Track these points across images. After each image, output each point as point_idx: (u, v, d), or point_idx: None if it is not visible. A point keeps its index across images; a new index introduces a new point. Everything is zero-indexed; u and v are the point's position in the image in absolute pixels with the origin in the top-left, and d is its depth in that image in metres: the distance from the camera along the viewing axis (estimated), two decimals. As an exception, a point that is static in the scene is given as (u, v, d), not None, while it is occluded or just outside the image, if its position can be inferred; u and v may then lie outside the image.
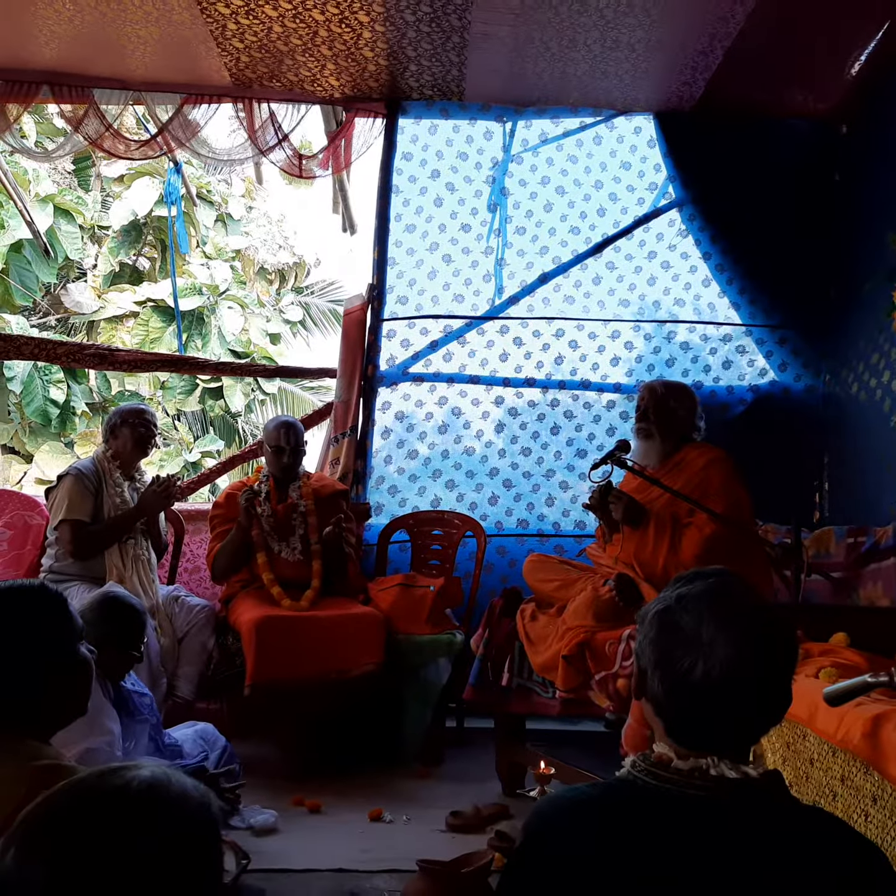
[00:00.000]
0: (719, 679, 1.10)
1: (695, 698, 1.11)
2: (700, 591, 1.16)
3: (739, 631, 1.12)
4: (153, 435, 3.85)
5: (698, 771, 1.11)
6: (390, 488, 4.53)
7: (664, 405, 3.32)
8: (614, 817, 1.11)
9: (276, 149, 4.58)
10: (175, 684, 3.54)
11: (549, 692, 3.09)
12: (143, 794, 0.88)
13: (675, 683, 1.12)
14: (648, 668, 1.16)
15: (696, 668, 1.11)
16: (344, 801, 3.17)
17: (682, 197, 4.62)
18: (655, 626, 1.17)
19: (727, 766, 1.11)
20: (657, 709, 1.16)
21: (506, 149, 4.63)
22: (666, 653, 1.14)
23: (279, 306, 12.24)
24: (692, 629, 1.13)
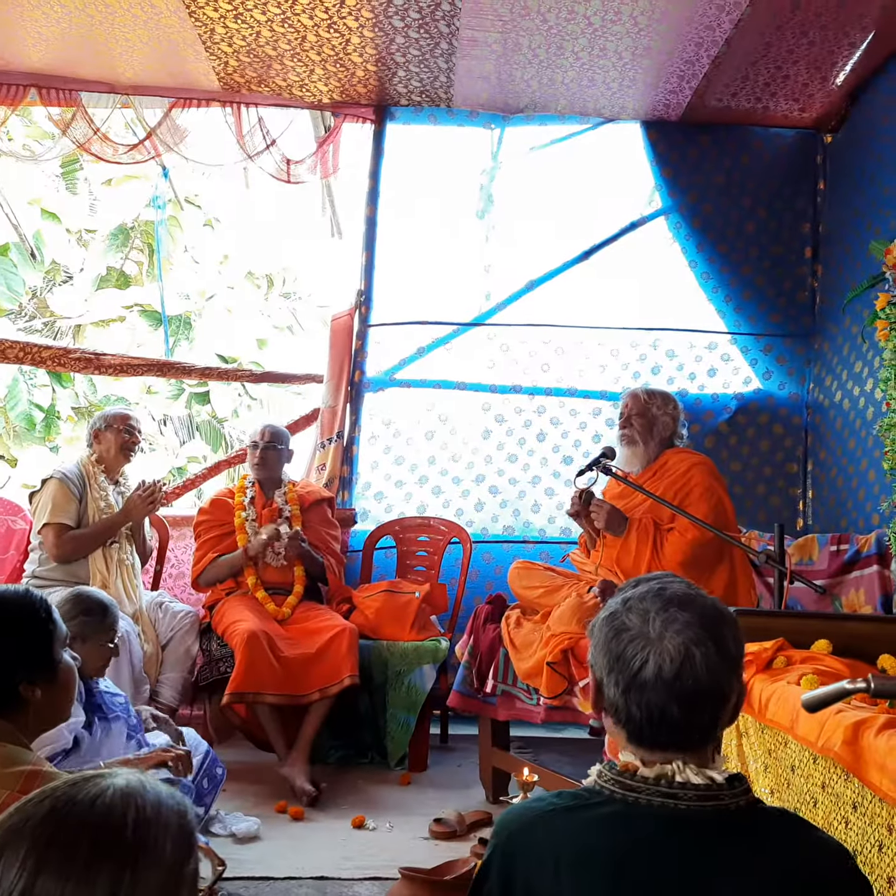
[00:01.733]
0: (672, 673, 1.11)
1: (650, 695, 1.12)
2: (643, 591, 1.18)
3: (685, 623, 1.13)
4: (137, 441, 3.83)
5: (664, 778, 1.12)
6: (376, 494, 4.53)
7: (647, 412, 3.34)
8: (580, 828, 1.11)
9: (264, 153, 4.58)
10: (158, 690, 3.53)
11: (534, 699, 3.09)
12: (117, 802, 0.87)
13: (629, 684, 1.13)
14: (603, 675, 1.17)
15: (647, 664, 1.12)
16: (327, 809, 3.16)
17: (669, 205, 4.65)
18: (604, 632, 1.18)
19: (692, 770, 1.12)
20: (616, 716, 1.17)
21: (493, 156, 4.65)
22: (617, 655, 1.15)
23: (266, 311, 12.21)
24: (639, 628, 1.14)
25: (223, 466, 5.10)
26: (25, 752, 1.50)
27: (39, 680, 1.56)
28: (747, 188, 4.64)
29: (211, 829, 2.84)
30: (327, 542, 3.92)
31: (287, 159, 4.60)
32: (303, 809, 3.11)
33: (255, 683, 3.31)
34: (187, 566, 4.16)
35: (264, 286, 12.63)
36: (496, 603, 3.43)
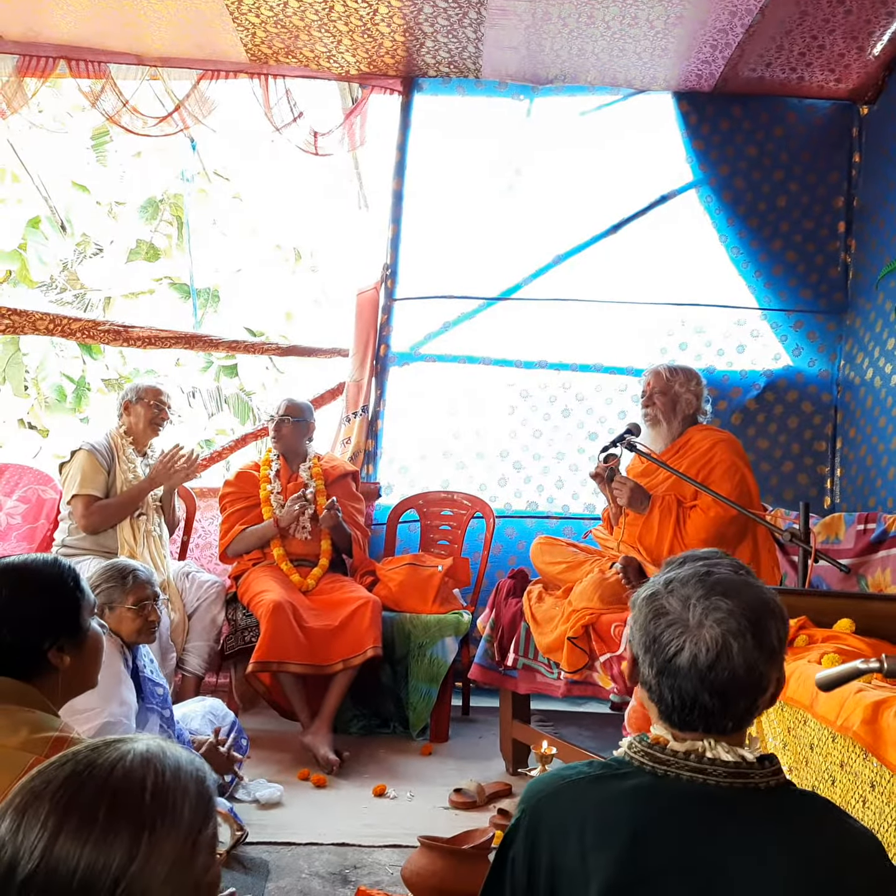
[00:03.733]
0: (706, 663, 1.10)
1: (683, 682, 1.12)
2: (688, 574, 1.16)
3: (727, 612, 1.12)
4: (167, 417, 3.86)
5: (694, 753, 1.11)
6: (401, 468, 4.54)
7: (669, 389, 3.32)
8: (606, 797, 1.11)
9: (291, 126, 4.56)
10: (185, 658, 3.58)
11: (555, 673, 3.11)
12: (137, 767, 0.89)
13: (662, 668, 1.13)
14: (639, 653, 1.17)
15: (682, 651, 1.11)
16: (349, 777, 3.20)
17: (700, 178, 4.58)
18: (644, 612, 1.17)
19: (724, 748, 1.11)
20: (649, 693, 1.17)
21: (522, 127, 4.59)
22: (653, 638, 1.14)
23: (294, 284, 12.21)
24: (679, 613, 1.13)
25: (249, 439, 5.13)
26: (54, 718, 1.53)
27: (68, 647, 1.59)
28: (780, 161, 4.55)
29: (235, 794, 2.89)
30: (352, 516, 3.94)
31: (314, 132, 4.58)
32: (325, 777, 3.15)
33: (279, 653, 3.36)
34: (214, 537, 4.21)
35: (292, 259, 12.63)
36: (518, 578, 3.45)
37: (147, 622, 2.62)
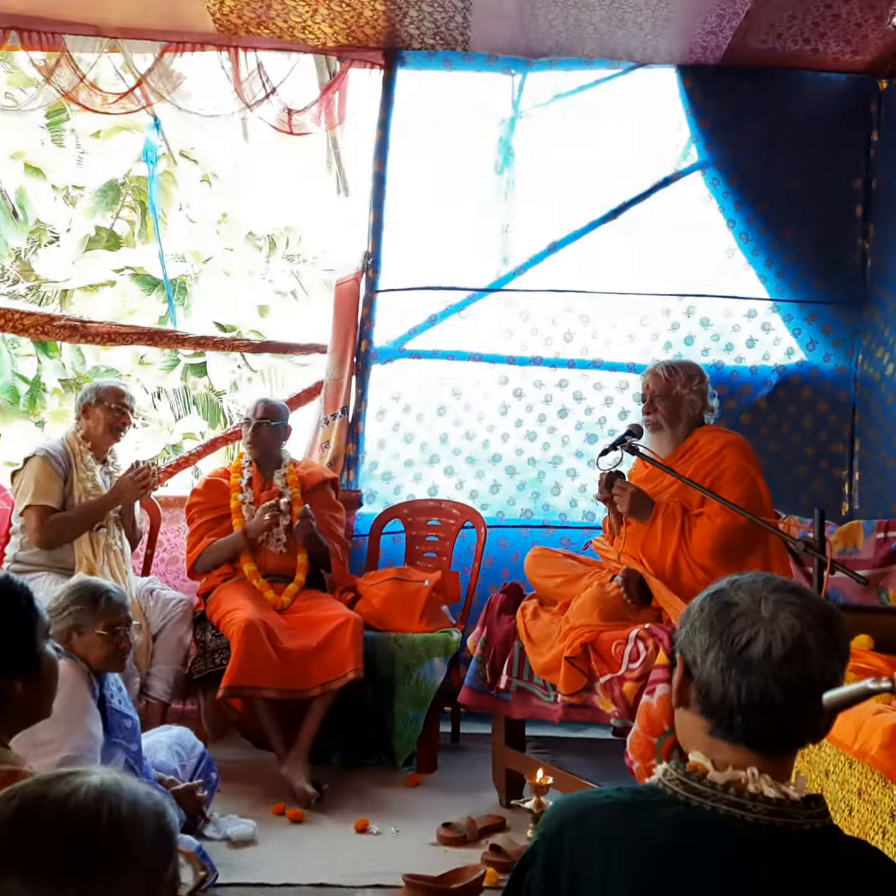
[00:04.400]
0: (782, 654, 1.12)
1: (753, 676, 1.12)
2: (750, 576, 1.20)
3: (800, 607, 1.14)
4: (129, 422, 3.85)
5: (735, 785, 1.11)
6: (384, 474, 4.54)
7: (670, 391, 3.33)
8: (635, 825, 1.12)
9: (263, 103, 4.56)
10: (149, 683, 3.57)
11: (551, 696, 3.11)
12: (90, 802, 0.89)
13: (731, 660, 1.13)
14: (698, 655, 1.17)
15: (756, 640, 1.13)
16: (328, 811, 3.19)
17: (706, 159, 4.60)
18: (707, 609, 1.18)
19: (767, 781, 1.11)
20: (705, 700, 1.16)
21: (514, 104, 4.60)
22: (722, 630, 1.15)
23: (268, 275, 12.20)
24: (750, 604, 1.15)
25: (220, 443, 5.12)
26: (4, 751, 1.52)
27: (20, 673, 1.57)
28: (793, 140, 4.57)
29: (204, 832, 2.88)
30: (331, 526, 3.94)
31: (289, 109, 4.58)
32: (302, 812, 3.15)
33: (252, 676, 3.35)
34: (180, 550, 4.20)
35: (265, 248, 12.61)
36: (512, 592, 3.45)
37: (118, 649, 2.61)
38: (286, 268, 12.62)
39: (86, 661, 2.57)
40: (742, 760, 1.13)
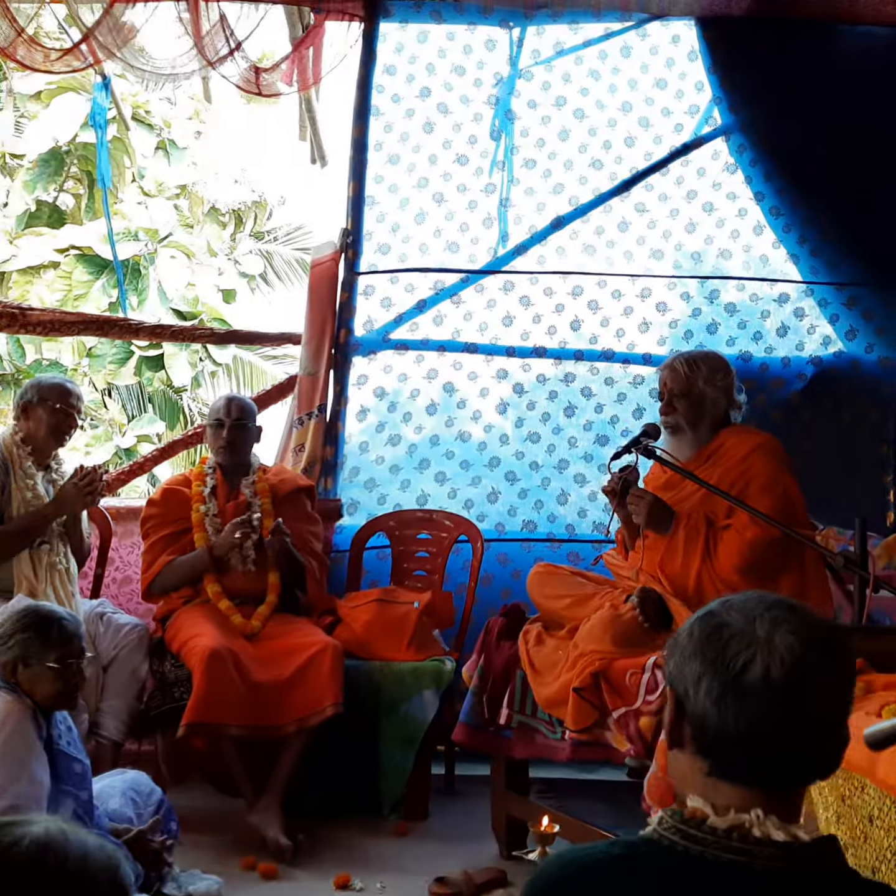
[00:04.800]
0: (782, 677, 1.12)
1: (752, 703, 1.13)
2: (745, 596, 1.21)
3: (798, 625, 1.15)
4: (74, 425, 3.85)
5: (738, 830, 1.12)
6: (367, 482, 4.54)
7: (691, 389, 3.34)
8: (634, 884, 1.12)
9: (227, 60, 4.56)
10: (99, 721, 3.56)
11: (558, 732, 3.11)
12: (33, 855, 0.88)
13: (726, 688, 1.14)
14: (690, 687, 1.17)
15: (753, 664, 1.13)
16: (305, 866, 3.20)
17: (730, 123, 4.61)
18: (697, 634, 1.19)
19: (774, 824, 1.12)
20: (700, 737, 1.17)
21: (512, 62, 4.62)
22: (714, 656, 1.16)
23: (234, 255, 12.20)
24: (744, 626, 1.16)
25: (179, 447, 5.13)
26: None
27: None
28: (828, 100, 4.58)
29: (164, 889, 2.87)
30: (307, 541, 3.94)
31: (256, 67, 4.58)
32: (276, 866, 3.14)
33: (217, 712, 3.34)
34: (135, 569, 4.19)
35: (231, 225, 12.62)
36: (512, 615, 3.45)
37: (70, 685, 2.61)
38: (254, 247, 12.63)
39: (32, 696, 2.56)
40: (745, 801, 1.14)
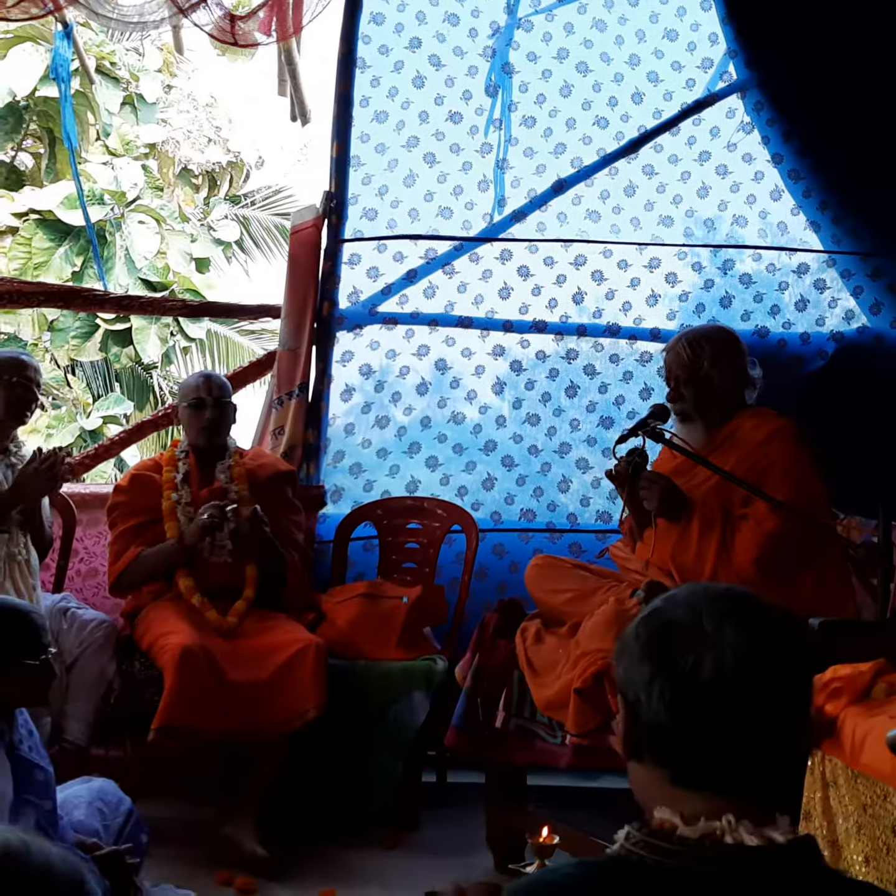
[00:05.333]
0: (734, 672, 1.14)
1: (706, 705, 1.14)
2: (689, 587, 1.23)
3: (747, 617, 1.17)
4: (34, 398, 3.83)
5: (710, 839, 1.13)
6: (352, 467, 4.54)
7: (696, 373, 3.33)
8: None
9: (200, 6, 4.53)
10: (63, 725, 3.56)
11: (558, 737, 3.13)
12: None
13: (679, 690, 1.15)
14: (641, 692, 1.19)
15: (703, 662, 1.14)
16: (285, 879, 3.20)
17: (746, 78, 4.61)
18: (643, 635, 1.21)
19: (747, 829, 1.13)
20: (656, 746, 1.18)
21: (510, 10, 4.60)
22: (662, 658, 1.17)
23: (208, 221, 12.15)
24: (690, 623, 1.17)
25: (148, 429, 5.11)
26: None
27: None
28: (855, 54, 4.56)
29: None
30: (287, 531, 3.93)
31: (231, 14, 4.56)
32: (253, 881, 3.15)
33: (190, 715, 3.34)
34: (101, 561, 4.19)
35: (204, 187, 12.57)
36: (509, 611, 3.45)
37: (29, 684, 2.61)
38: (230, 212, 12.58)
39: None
40: (714, 808, 1.15)
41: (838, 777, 2.07)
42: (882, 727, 1.93)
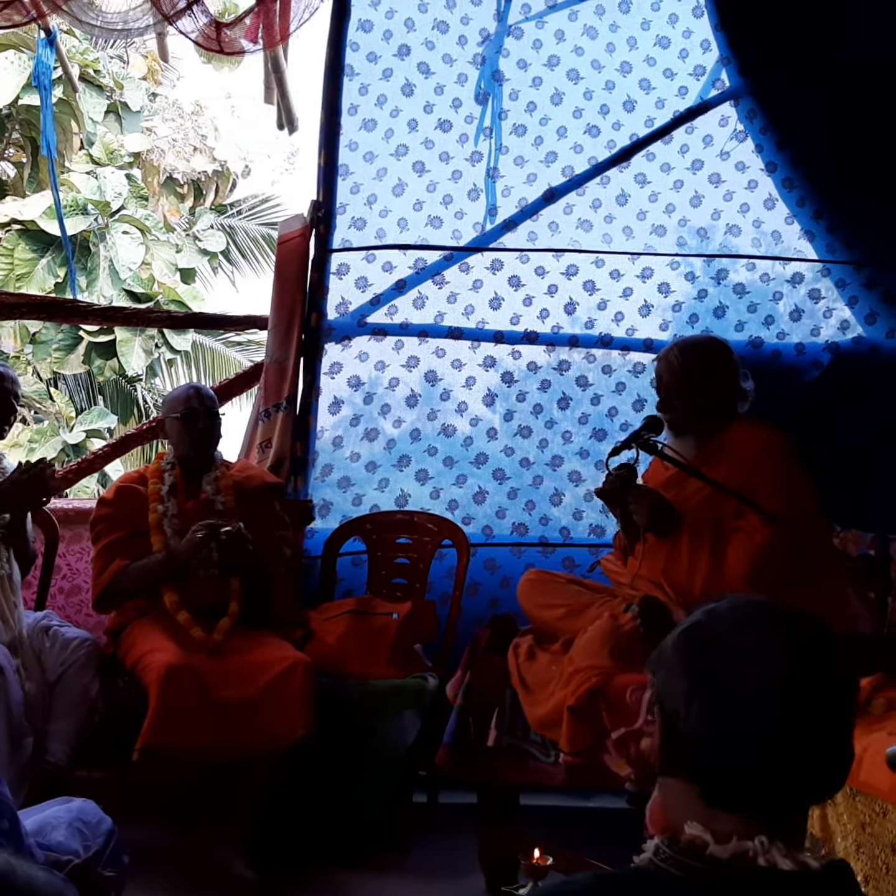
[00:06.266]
0: (779, 688, 1.14)
1: (748, 720, 1.14)
2: (732, 602, 1.22)
3: (792, 630, 1.16)
4: (13, 410, 3.82)
5: (741, 859, 1.13)
6: (341, 481, 4.54)
7: (686, 384, 3.35)
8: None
9: (185, 14, 4.54)
10: (45, 746, 3.54)
11: (551, 756, 3.12)
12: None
13: (719, 705, 1.15)
14: (680, 707, 1.18)
15: (748, 678, 1.14)
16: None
17: (740, 86, 4.63)
18: (684, 650, 1.20)
19: (780, 851, 1.13)
20: (693, 760, 1.18)
21: (500, 17, 4.61)
22: (704, 673, 1.17)
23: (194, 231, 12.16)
24: (735, 638, 1.17)
25: (132, 443, 5.11)
26: None
27: None
28: (850, 61, 4.56)
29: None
30: (276, 546, 3.93)
31: (217, 22, 4.57)
32: (240, 906, 3.15)
33: (175, 735, 3.33)
34: (84, 577, 4.18)
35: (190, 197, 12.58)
36: (501, 627, 3.46)
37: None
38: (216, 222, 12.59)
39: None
40: (747, 828, 1.15)
41: (836, 795, 2.07)
42: (880, 743, 1.93)
